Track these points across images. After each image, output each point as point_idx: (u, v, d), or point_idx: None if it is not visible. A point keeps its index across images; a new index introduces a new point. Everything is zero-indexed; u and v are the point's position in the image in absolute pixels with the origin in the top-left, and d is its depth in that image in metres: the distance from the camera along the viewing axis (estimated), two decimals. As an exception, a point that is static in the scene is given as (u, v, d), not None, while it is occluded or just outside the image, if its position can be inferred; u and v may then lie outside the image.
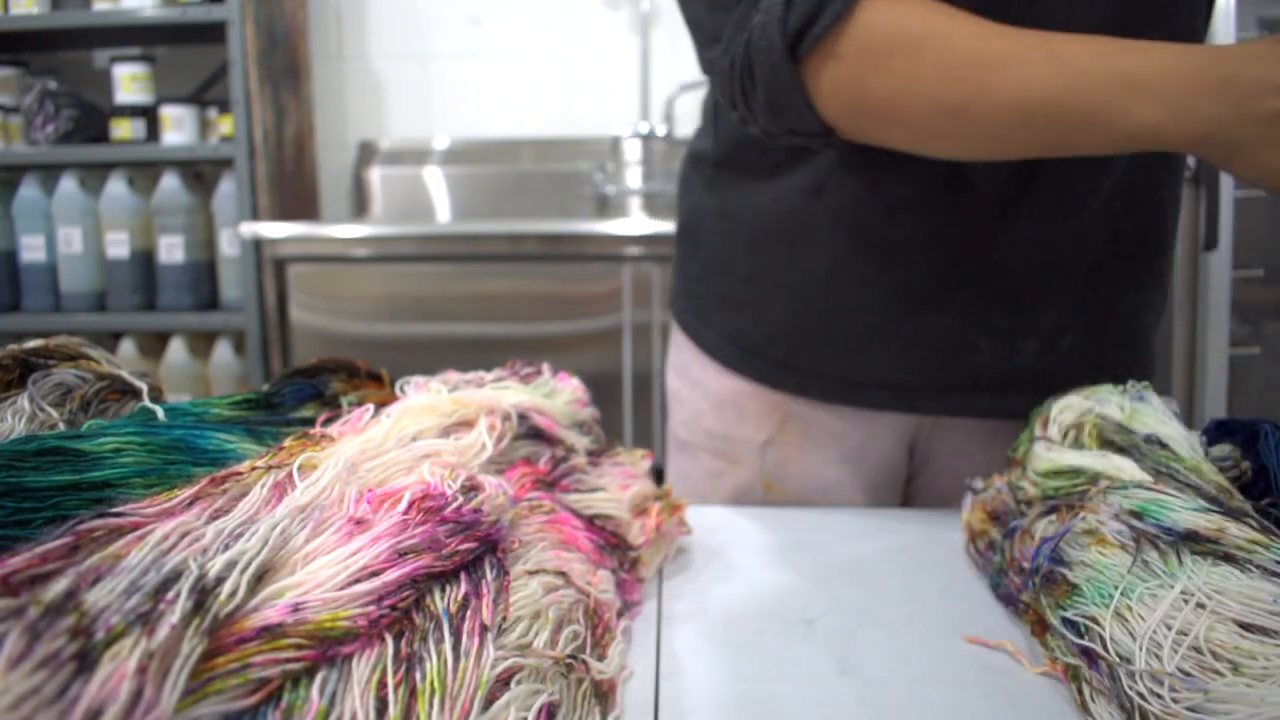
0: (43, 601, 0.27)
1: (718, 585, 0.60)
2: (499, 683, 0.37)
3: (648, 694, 0.46)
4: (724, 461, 0.84)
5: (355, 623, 0.34)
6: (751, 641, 0.52)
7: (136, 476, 0.42)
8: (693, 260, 0.86)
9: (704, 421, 0.85)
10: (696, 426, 0.86)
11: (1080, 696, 0.44)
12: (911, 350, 0.76)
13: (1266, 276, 1.76)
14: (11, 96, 2.49)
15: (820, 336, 0.78)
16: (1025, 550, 0.53)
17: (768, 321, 0.80)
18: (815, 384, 0.79)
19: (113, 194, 2.32)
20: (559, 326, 2.00)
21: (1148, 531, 0.44)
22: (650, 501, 0.61)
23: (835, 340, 0.78)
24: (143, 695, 0.26)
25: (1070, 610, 0.46)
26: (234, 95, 2.24)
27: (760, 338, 0.80)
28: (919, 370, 0.77)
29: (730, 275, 0.82)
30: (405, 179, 2.59)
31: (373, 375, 0.64)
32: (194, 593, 0.30)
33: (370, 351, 2.01)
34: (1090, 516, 0.49)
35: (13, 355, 0.53)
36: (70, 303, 2.35)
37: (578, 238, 1.98)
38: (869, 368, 0.77)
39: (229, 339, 2.34)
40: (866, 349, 0.77)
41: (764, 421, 0.81)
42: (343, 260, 2.05)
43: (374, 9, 2.61)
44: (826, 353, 0.78)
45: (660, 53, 2.53)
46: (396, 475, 0.43)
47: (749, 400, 0.82)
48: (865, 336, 0.77)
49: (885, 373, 0.77)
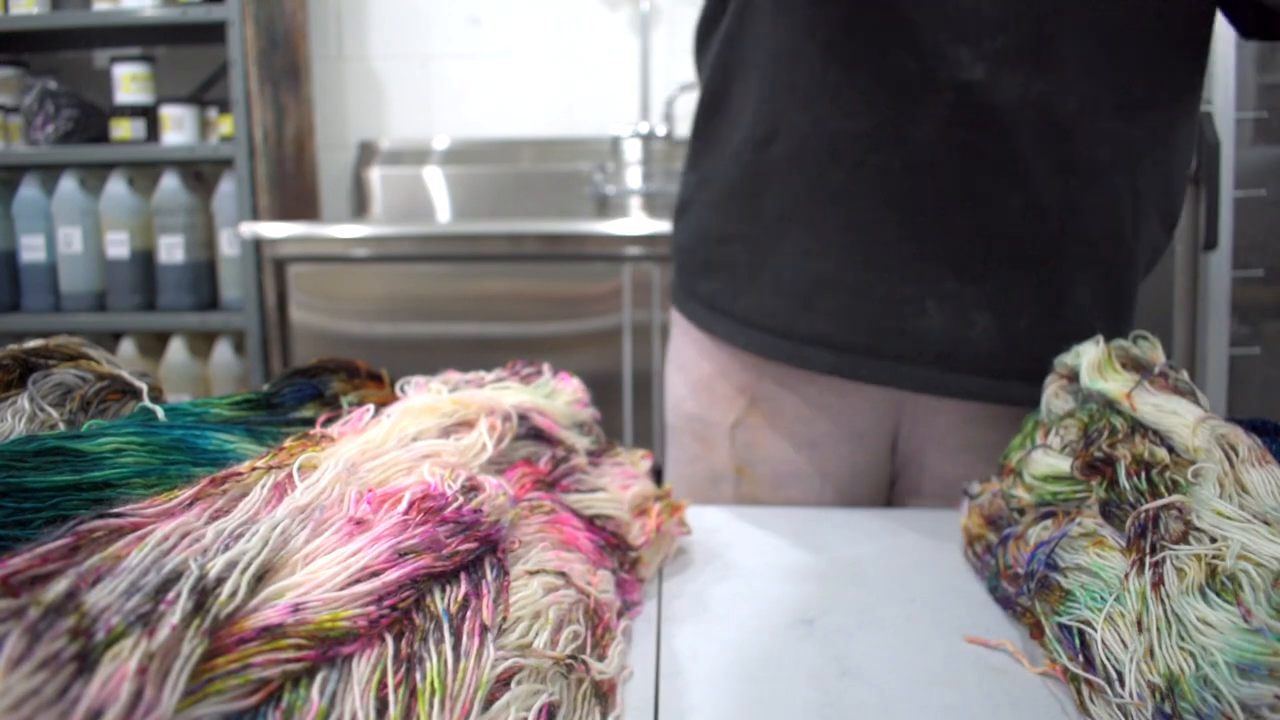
0: (43, 602, 0.27)
1: (718, 585, 0.60)
2: (499, 683, 0.37)
3: (648, 694, 0.46)
4: (701, 445, 0.85)
5: (355, 623, 0.34)
6: (751, 641, 0.52)
7: (136, 477, 0.42)
8: (680, 235, 0.87)
9: (685, 405, 0.87)
10: (680, 410, 0.87)
11: (1079, 698, 0.44)
12: (856, 304, 0.74)
13: (1266, 276, 1.76)
14: (11, 96, 2.49)
15: (772, 288, 0.77)
16: (1020, 556, 0.53)
17: (735, 279, 0.80)
18: (763, 340, 0.78)
19: (113, 194, 2.32)
20: (559, 326, 2.00)
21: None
22: (650, 502, 0.61)
23: (783, 291, 0.77)
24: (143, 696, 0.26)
25: (1065, 616, 0.46)
26: (234, 95, 2.24)
27: (728, 295, 0.80)
28: (863, 330, 0.74)
29: (707, 239, 0.82)
30: (405, 179, 2.59)
31: (373, 375, 0.64)
32: (194, 593, 0.30)
33: (370, 351, 2.01)
34: (1088, 520, 0.49)
35: (13, 355, 0.53)
36: (70, 303, 2.35)
37: (578, 238, 1.98)
38: (812, 321, 0.76)
39: (229, 339, 2.34)
40: (812, 300, 0.75)
41: (733, 403, 0.82)
42: (343, 260, 2.05)
43: (374, 9, 2.61)
44: (776, 305, 0.77)
45: (660, 53, 2.53)
46: (397, 476, 0.43)
47: (720, 382, 0.83)
48: (812, 286, 0.75)
49: (828, 328, 0.75)
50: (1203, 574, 0.39)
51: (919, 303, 0.73)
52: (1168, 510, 0.43)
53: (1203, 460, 0.45)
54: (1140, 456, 0.48)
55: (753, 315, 0.79)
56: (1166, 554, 0.41)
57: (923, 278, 0.73)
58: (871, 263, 0.73)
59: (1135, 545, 0.43)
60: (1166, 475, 0.46)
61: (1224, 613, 0.37)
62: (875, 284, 0.74)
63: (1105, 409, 0.55)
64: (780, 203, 0.76)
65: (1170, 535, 0.42)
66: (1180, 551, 0.41)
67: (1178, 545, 0.41)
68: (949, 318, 0.73)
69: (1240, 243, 1.73)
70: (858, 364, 0.75)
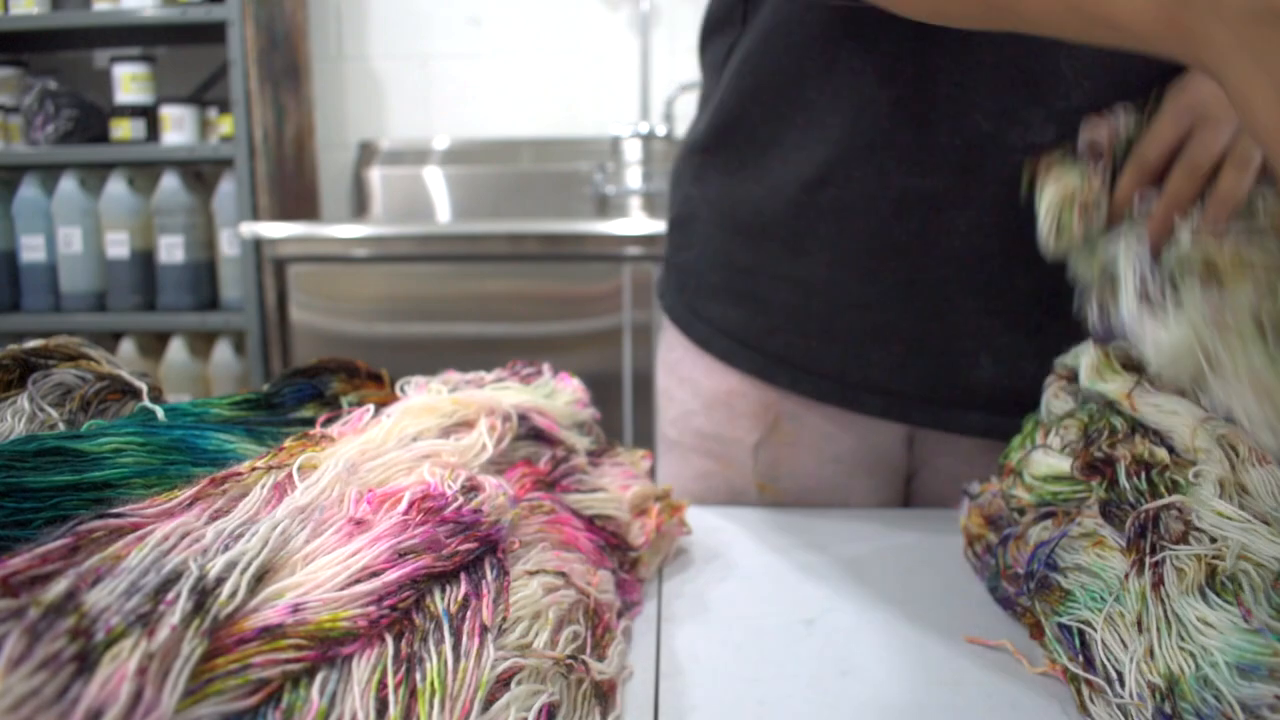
0: (43, 602, 0.27)
1: (718, 585, 0.60)
2: (499, 683, 0.37)
3: (648, 694, 0.46)
4: (715, 462, 0.83)
5: (355, 623, 0.34)
6: (751, 641, 0.52)
7: (136, 477, 0.42)
8: (685, 251, 0.85)
9: (694, 421, 0.84)
10: (686, 426, 0.85)
11: (1079, 698, 0.44)
12: (910, 355, 0.75)
13: (1266, 276, 1.75)
14: (11, 96, 2.48)
15: (820, 332, 0.77)
16: (1019, 556, 0.53)
17: (767, 313, 0.79)
18: (809, 381, 0.78)
19: (113, 194, 2.32)
20: (559, 326, 2.00)
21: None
22: (650, 502, 0.61)
23: (834, 337, 0.77)
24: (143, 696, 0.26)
25: (1065, 616, 0.46)
26: (234, 95, 2.24)
27: (758, 330, 0.79)
28: (915, 378, 0.76)
29: (728, 267, 0.81)
30: (405, 179, 2.59)
31: (373, 375, 0.64)
32: (194, 594, 0.30)
33: (370, 351, 2.01)
34: (1088, 521, 0.49)
35: (13, 355, 0.53)
36: (70, 303, 2.35)
37: (578, 238, 1.98)
38: (865, 369, 0.76)
39: (229, 339, 2.34)
40: (865, 349, 0.76)
41: (756, 421, 0.81)
42: (343, 260, 2.05)
43: (374, 9, 2.60)
44: (825, 350, 0.77)
45: (660, 53, 2.53)
46: (397, 476, 0.43)
47: (741, 400, 0.81)
48: (865, 335, 0.76)
49: (881, 376, 0.76)
50: (1202, 574, 0.39)
51: (974, 355, 0.74)
52: (1168, 510, 0.43)
53: (1203, 461, 0.45)
54: (1140, 457, 0.48)
55: (797, 358, 0.78)
56: (1166, 554, 0.41)
57: (980, 333, 0.74)
58: (930, 316, 0.74)
59: (1135, 545, 0.43)
60: (1166, 475, 0.46)
61: (1224, 613, 0.37)
62: (933, 336, 0.74)
63: (1105, 409, 0.55)
64: (832, 250, 0.75)
65: (1170, 535, 0.42)
66: (1180, 552, 0.41)
67: (1178, 545, 0.41)
68: (1001, 370, 0.74)
69: (1240, 243, 1.73)
70: (908, 408, 0.77)
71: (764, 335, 0.79)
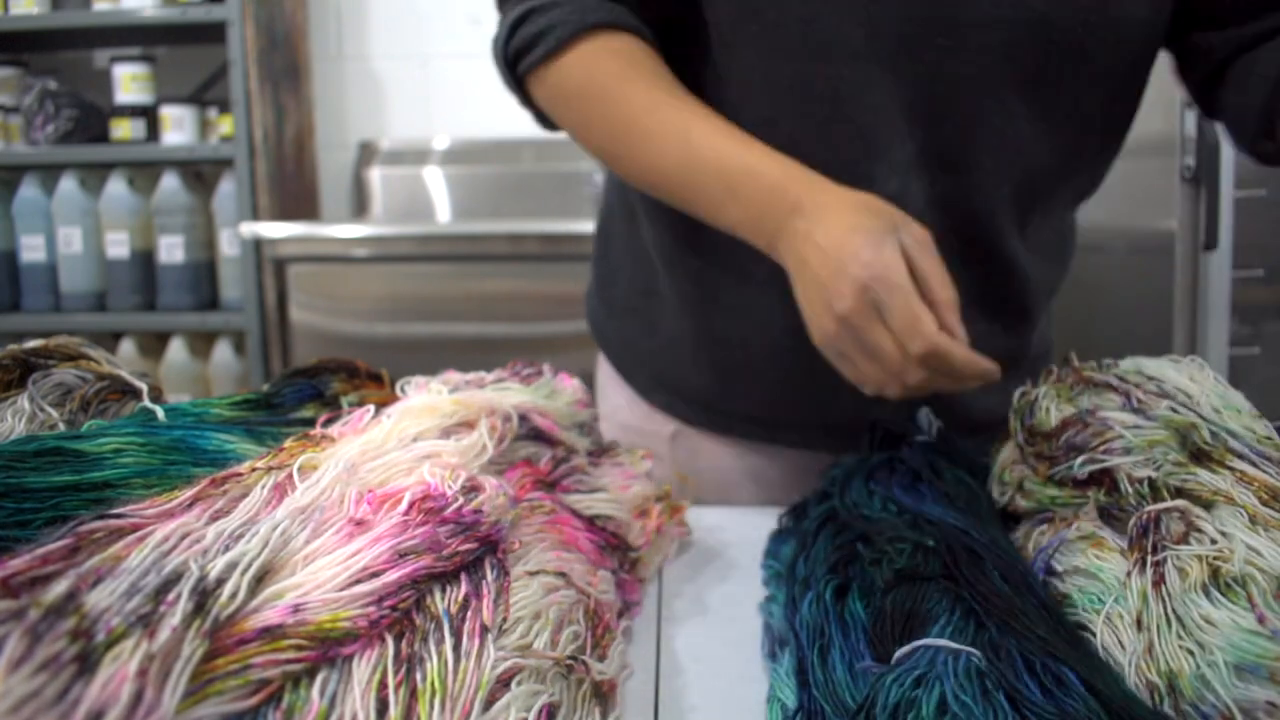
0: (43, 603, 0.27)
1: (718, 585, 0.60)
2: (499, 683, 0.37)
3: (648, 694, 0.46)
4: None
5: (355, 623, 0.34)
6: (752, 641, 0.52)
7: (136, 477, 0.42)
8: (603, 261, 0.89)
9: (620, 415, 0.87)
10: (614, 420, 0.88)
11: (1081, 697, 0.43)
12: (778, 387, 0.78)
13: (1266, 276, 1.75)
14: (11, 96, 2.48)
15: (691, 360, 0.81)
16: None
17: (654, 334, 0.83)
18: (679, 405, 0.83)
19: (113, 194, 2.32)
20: (559, 326, 2.00)
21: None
22: (650, 502, 0.61)
23: (702, 368, 0.80)
24: (143, 697, 0.26)
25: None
26: (234, 95, 2.24)
27: (645, 349, 0.84)
28: (784, 407, 0.79)
29: (630, 283, 0.85)
30: (405, 179, 2.59)
31: (373, 375, 0.64)
32: (194, 594, 0.30)
33: (370, 351, 2.01)
34: (1086, 524, 0.49)
35: (13, 355, 0.53)
36: (70, 303, 2.35)
37: (578, 238, 1.98)
38: (732, 400, 0.80)
39: (229, 339, 2.34)
40: (732, 382, 0.79)
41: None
42: (343, 260, 2.05)
43: (374, 9, 2.60)
44: (693, 377, 0.81)
45: (660, 52, 2.53)
46: (397, 476, 0.43)
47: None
48: (733, 371, 0.79)
49: (750, 406, 0.80)
50: (1206, 573, 0.39)
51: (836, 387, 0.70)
52: (1169, 513, 0.43)
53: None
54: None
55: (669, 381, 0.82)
56: (1168, 554, 0.41)
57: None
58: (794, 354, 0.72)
59: (1137, 545, 0.43)
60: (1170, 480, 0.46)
61: (1227, 611, 0.37)
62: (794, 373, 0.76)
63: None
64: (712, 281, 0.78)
65: (1172, 536, 0.42)
66: (1182, 551, 0.41)
67: (1179, 545, 0.41)
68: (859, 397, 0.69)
69: (1240, 243, 1.73)
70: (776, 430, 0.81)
71: (648, 355, 0.84)
